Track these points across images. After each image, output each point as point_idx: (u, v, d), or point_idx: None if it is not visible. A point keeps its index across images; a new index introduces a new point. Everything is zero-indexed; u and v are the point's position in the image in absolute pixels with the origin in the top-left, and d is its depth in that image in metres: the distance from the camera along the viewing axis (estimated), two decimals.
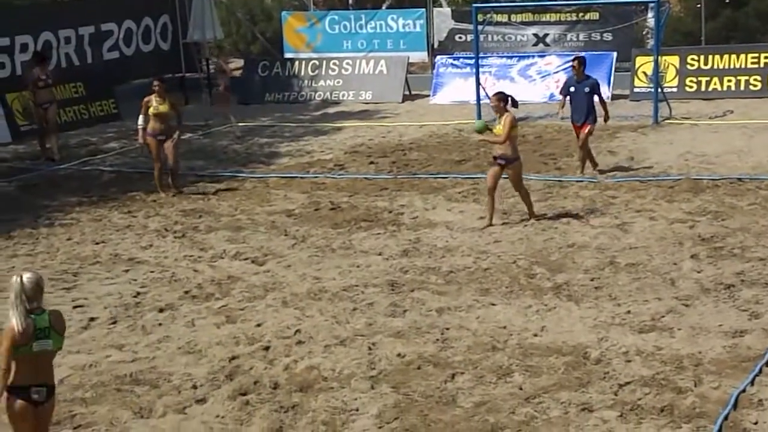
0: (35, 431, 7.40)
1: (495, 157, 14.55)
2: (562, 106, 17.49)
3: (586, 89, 17.06)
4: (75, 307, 12.01)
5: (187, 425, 8.82)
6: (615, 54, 25.43)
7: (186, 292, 12.42)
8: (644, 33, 28.11)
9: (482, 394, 9.22)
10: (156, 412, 9.09)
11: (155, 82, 17.47)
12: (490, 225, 14.56)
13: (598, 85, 17.44)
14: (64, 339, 7.49)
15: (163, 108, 17.23)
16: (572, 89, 17.21)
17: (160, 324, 11.35)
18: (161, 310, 11.78)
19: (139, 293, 12.46)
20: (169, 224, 15.65)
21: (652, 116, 21.79)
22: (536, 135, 21.11)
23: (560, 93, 17.84)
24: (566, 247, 13.58)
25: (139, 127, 17.36)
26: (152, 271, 13.32)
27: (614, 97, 24.70)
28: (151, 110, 17.18)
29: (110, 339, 10.97)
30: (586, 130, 17.04)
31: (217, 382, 9.70)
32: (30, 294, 7.20)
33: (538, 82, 25.44)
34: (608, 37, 26.85)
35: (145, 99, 17.36)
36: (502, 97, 14.44)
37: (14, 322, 7.17)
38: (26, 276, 7.24)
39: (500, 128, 14.32)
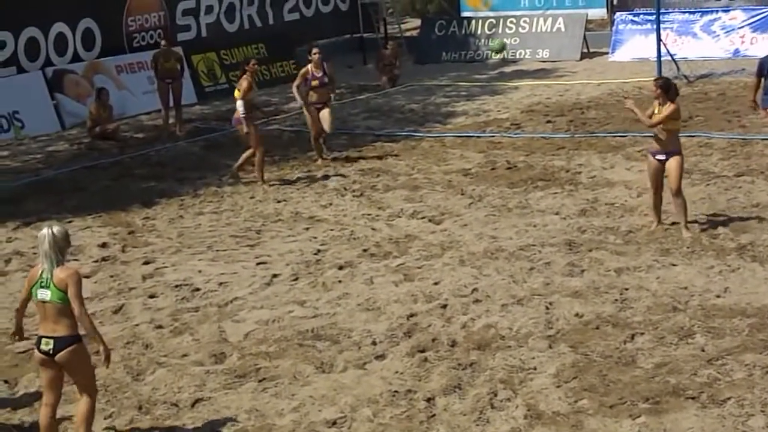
0: (52, 382, 7.74)
1: (653, 154, 12.42)
2: (756, 90, 14.65)
3: None
4: (258, 263, 12.34)
5: (368, 380, 8.98)
6: None
7: (365, 250, 12.60)
8: None
9: (663, 355, 9.09)
10: (337, 367, 9.28)
11: (314, 50, 17.04)
12: (660, 224, 12.67)
13: None
14: (73, 297, 7.47)
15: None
16: None
17: (339, 281, 11.56)
18: (341, 268, 11.99)
19: (319, 251, 12.70)
20: (348, 183, 15.89)
21: None
22: (719, 92, 20.52)
23: (756, 76, 14.77)
24: (751, 206, 13.20)
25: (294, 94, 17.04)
26: (332, 229, 13.56)
27: None
28: (313, 83, 16.79)
29: (292, 295, 11.24)
30: None
31: (396, 338, 9.83)
32: (61, 244, 7.59)
33: (722, 38, 24.66)
34: None
35: (303, 70, 17.09)
36: (663, 85, 12.26)
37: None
38: (56, 228, 7.63)
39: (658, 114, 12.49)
